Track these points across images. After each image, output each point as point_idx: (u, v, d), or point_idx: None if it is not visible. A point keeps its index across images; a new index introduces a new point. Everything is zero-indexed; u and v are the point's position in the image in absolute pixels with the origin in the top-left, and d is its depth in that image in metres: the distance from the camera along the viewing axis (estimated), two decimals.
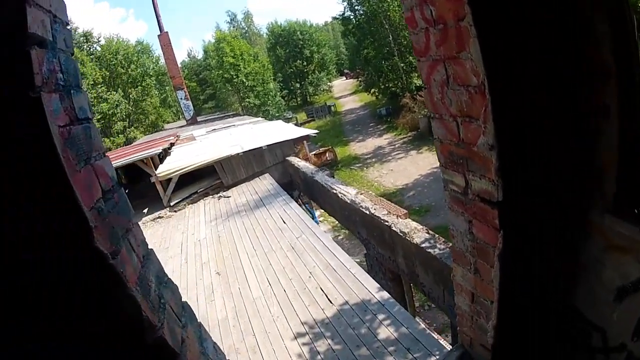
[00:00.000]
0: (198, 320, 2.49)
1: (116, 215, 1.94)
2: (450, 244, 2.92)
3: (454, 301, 3.07)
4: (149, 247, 2.27)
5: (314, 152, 34.37)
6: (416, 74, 41.83)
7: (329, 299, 8.25)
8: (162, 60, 55.14)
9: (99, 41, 58.52)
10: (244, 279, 10.35)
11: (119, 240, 1.85)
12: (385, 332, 6.87)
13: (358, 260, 12.07)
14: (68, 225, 1.60)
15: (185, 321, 2.25)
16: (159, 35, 45.01)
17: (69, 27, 2.04)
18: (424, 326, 7.47)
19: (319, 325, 7.65)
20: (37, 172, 1.56)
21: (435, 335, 8.35)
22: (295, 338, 7.56)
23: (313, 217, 21.79)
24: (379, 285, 8.22)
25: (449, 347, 6.71)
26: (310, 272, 9.47)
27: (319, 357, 6.95)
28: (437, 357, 5.94)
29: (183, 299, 2.47)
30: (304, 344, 7.35)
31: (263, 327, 8.20)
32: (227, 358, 2.66)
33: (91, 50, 57.28)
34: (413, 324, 6.89)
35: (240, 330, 8.38)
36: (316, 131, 24.46)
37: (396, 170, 30.72)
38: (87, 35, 57.38)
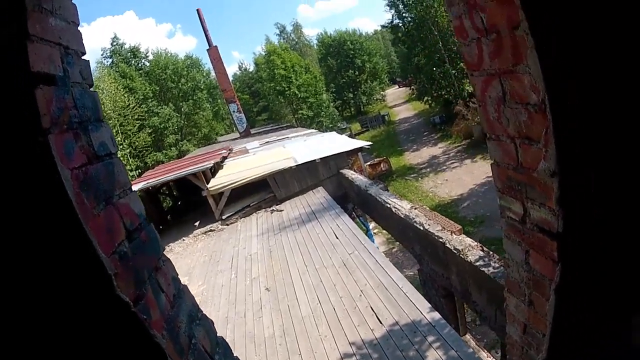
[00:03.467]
0: (234, 355, 2.42)
1: (143, 255, 1.86)
2: (505, 274, 2.61)
3: (505, 321, 2.80)
4: (181, 283, 2.19)
5: (368, 163, 34.34)
6: (468, 80, 41.47)
7: (378, 319, 7.99)
8: (213, 74, 56.04)
9: (147, 56, 60.08)
10: (293, 296, 10.18)
11: (144, 283, 1.77)
12: (434, 355, 6.59)
13: (412, 273, 11.75)
14: (85, 277, 1.51)
15: (219, 358, 2.18)
16: (208, 50, 45.92)
17: (84, 58, 1.92)
18: (473, 348, 7.13)
19: (367, 347, 7.41)
20: (48, 222, 1.46)
21: (485, 353, 8.01)
22: (342, 359, 7.36)
23: (367, 230, 21.58)
24: (430, 306, 7.93)
25: None
26: (361, 290, 9.22)
27: None
28: None
29: (220, 333, 2.39)
30: None
31: (310, 346, 8.04)
32: None
33: (140, 65, 58.72)
34: (462, 347, 6.57)
35: (287, 349, 8.22)
36: (369, 143, 24.23)
37: (451, 180, 30.55)
38: (134, 51, 59.28)
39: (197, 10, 45.36)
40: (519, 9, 1.59)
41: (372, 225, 23.69)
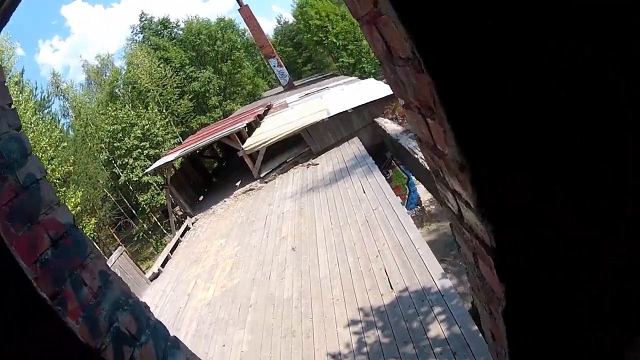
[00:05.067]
0: (170, 335, 2.60)
1: (66, 258, 2.13)
2: (466, 271, 2.10)
3: None
4: (110, 275, 2.40)
5: None
6: None
7: (390, 284, 7.94)
8: (249, 33, 55.82)
9: (178, 25, 60.57)
10: (315, 256, 10.28)
11: (64, 280, 2.04)
12: (437, 329, 6.45)
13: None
14: (15, 280, 1.82)
15: (146, 339, 2.35)
16: (239, 10, 45.81)
17: (12, 108, 2.20)
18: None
19: (374, 314, 7.41)
20: None
21: None
22: (349, 325, 7.40)
23: (409, 179, 21.20)
24: (442, 271, 7.76)
25: None
26: (379, 250, 9.16)
27: (365, 349, 6.74)
28: None
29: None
30: (354, 333, 7.18)
31: (322, 310, 8.14)
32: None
33: (172, 35, 59.32)
34: (467, 324, 6.34)
35: (301, 312, 8.39)
36: None
37: None
38: (164, 23, 59.64)
39: None
40: None
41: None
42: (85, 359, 1.96)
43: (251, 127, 22.00)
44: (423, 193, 20.73)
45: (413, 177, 22.12)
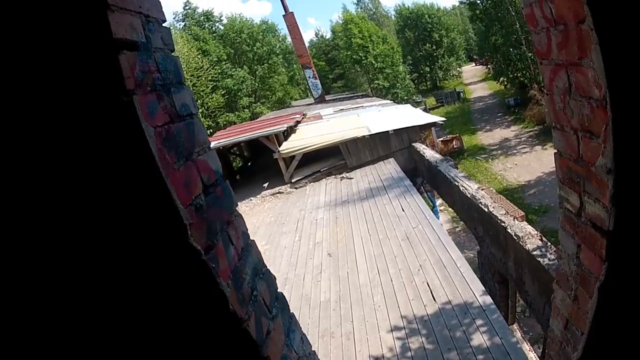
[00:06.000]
0: (290, 312, 2.50)
1: (217, 208, 1.99)
2: (556, 265, 2.67)
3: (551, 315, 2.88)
4: (250, 238, 2.28)
5: (441, 139, 34.03)
6: None
7: (432, 296, 8.14)
8: (289, 40, 56.00)
9: (221, 20, 60.54)
10: (353, 264, 10.42)
11: (216, 234, 1.88)
12: (479, 339, 6.71)
13: (471, 255, 11.79)
14: (163, 225, 1.64)
15: (276, 312, 2.26)
16: (284, 16, 45.52)
17: (165, 25, 2.04)
18: (517, 338, 7.21)
19: (417, 322, 7.61)
20: (132, 174, 1.61)
21: (527, 346, 8.06)
22: (392, 331, 7.56)
23: (433, 206, 21.56)
24: (483, 289, 8.01)
25: None
26: (420, 265, 9.37)
27: (409, 353, 6.93)
28: None
29: (280, 289, 2.44)
30: (398, 338, 7.34)
31: (363, 315, 8.26)
32: (312, 348, 2.67)
33: (213, 29, 59.11)
34: (507, 335, 6.66)
35: (340, 315, 8.48)
36: (444, 119, 24.00)
37: (520, 165, 30.12)
38: (207, 15, 59.58)
39: None
40: (584, 4, 1.60)
41: (438, 202, 23.61)
42: (230, 329, 1.82)
43: (286, 133, 22.26)
44: (446, 222, 21.09)
45: (437, 205, 22.55)
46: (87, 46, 1.55)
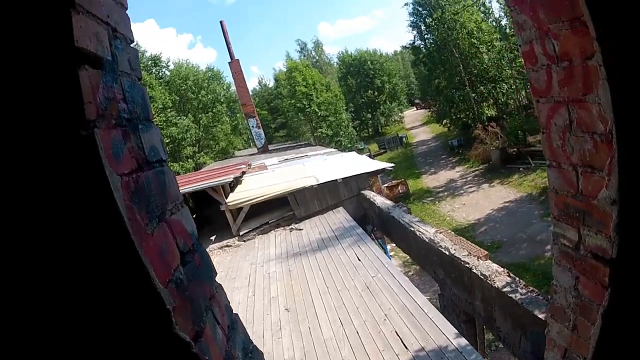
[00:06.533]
0: None
1: (198, 281, 1.63)
2: (549, 299, 2.72)
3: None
4: (233, 311, 1.98)
5: (386, 185, 34.63)
6: (487, 104, 42.03)
7: (404, 344, 7.81)
8: (233, 88, 56.70)
9: (168, 66, 60.86)
10: (314, 318, 10.02)
11: (202, 316, 1.55)
12: None
13: (428, 297, 11.60)
14: (139, 313, 1.25)
15: None
16: (229, 63, 45.92)
17: (133, 46, 1.71)
18: None
19: None
20: (92, 240, 1.18)
21: None
22: None
23: (385, 252, 21.46)
24: (456, 331, 7.81)
25: None
26: (385, 314, 9.06)
27: None
28: None
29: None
30: None
31: None
32: None
33: (160, 74, 59.45)
34: None
35: None
36: (392, 165, 24.20)
37: (468, 204, 31.04)
38: (155, 60, 60.08)
39: (221, 22, 45.56)
40: (594, 40, 1.65)
41: (389, 247, 23.65)
42: None
43: (232, 184, 21.98)
44: (398, 267, 21.14)
45: (388, 251, 22.54)
46: (39, 51, 1.15)
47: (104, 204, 1.16)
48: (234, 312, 2.00)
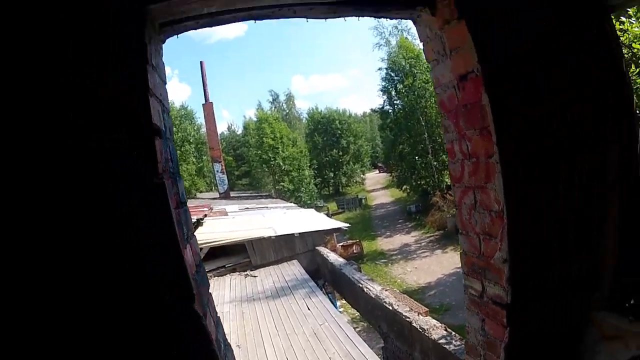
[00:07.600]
0: None
1: (203, 285, 2.35)
2: (465, 340, 3.35)
3: None
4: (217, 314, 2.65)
5: (341, 244, 34.24)
6: (447, 173, 42.32)
7: None
8: (203, 130, 56.05)
9: None
10: (264, 356, 10.45)
11: (206, 305, 2.22)
12: None
13: (373, 351, 12.01)
14: (178, 290, 1.95)
15: None
16: (203, 105, 45.87)
17: (170, 117, 2.28)
18: None
19: None
20: (161, 249, 1.91)
21: None
22: None
23: (335, 307, 21.78)
24: None
25: None
26: (330, 358, 9.56)
27: None
28: None
29: None
30: None
31: None
32: None
33: None
34: None
35: None
36: (347, 225, 24.74)
37: (420, 268, 30.92)
38: None
39: (201, 62, 45.69)
40: (494, 144, 2.44)
41: (339, 303, 23.83)
42: None
43: (195, 225, 22.12)
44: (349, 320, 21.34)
45: (338, 306, 22.76)
46: (132, 127, 1.84)
47: (167, 226, 1.90)
48: None
